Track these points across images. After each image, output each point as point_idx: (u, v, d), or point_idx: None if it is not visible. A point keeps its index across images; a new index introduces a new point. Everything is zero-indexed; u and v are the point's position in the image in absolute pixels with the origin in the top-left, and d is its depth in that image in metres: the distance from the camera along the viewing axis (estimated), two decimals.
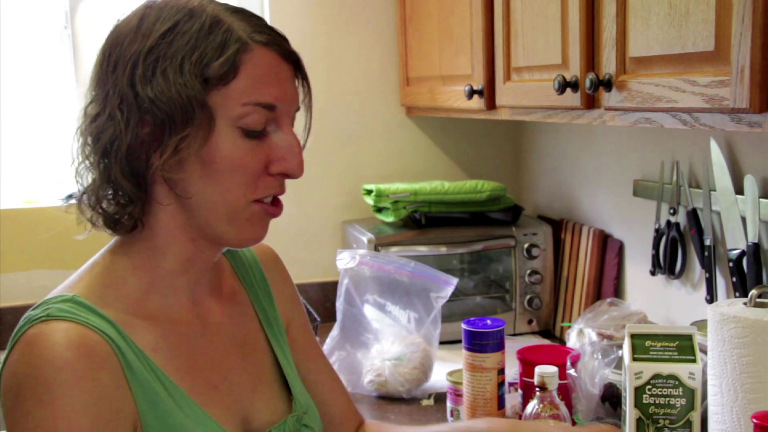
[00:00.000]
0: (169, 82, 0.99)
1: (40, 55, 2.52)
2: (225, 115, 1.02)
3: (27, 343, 0.96)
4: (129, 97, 1.00)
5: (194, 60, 1.00)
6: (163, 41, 1.01)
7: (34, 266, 2.46)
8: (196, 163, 1.02)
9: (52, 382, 0.93)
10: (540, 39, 1.71)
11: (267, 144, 1.06)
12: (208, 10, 1.03)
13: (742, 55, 1.12)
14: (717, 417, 1.33)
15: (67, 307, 0.99)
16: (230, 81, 1.01)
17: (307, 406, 1.23)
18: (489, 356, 1.66)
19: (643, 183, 2.08)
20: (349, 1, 2.61)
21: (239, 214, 1.06)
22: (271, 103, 1.04)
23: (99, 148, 1.03)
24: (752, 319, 1.27)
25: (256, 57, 1.03)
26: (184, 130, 1.00)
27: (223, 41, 1.01)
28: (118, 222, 1.06)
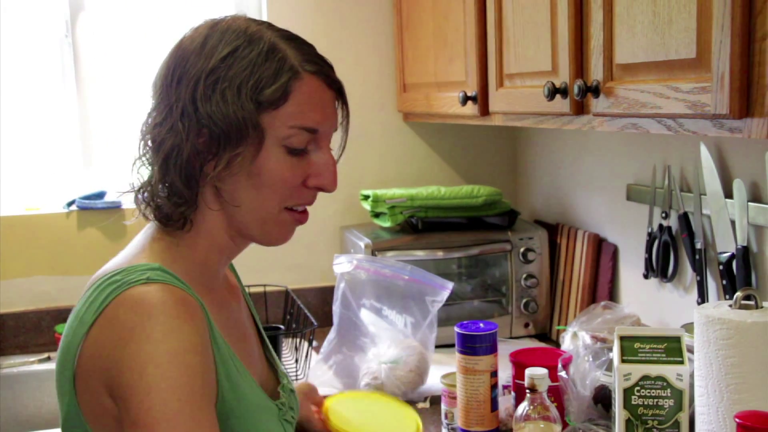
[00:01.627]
0: (227, 102, 1.10)
1: (41, 64, 2.55)
2: (273, 135, 1.14)
3: (135, 300, 1.04)
4: (190, 111, 1.12)
5: (251, 85, 1.11)
6: (223, 64, 1.12)
7: (34, 272, 2.48)
8: (244, 174, 1.14)
9: (165, 326, 1.02)
10: (531, 46, 1.73)
11: (306, 161, 1.18)
12: (266, 37, 1.15)
13: (722, 62, 1.15)
14: (703, 417, 1.35)
15: (160, 274, 1.08)
16: (281, 105, 1.13)
17: (285, 376, 1.37)
18: (482, 359, 1.68)
19: (636, 187, 2.10)
20: (346, 9, 2.64)
21: (270, 220, 1.19)
22: (314, 127, 1.17)
23: (161, 153, 1.13)
24: (737, 320, 1.29)
25: (305, 85, 1.15)
26: (237, 146, 1.12)
27: (278, 69, 1.13)
28: (170, 218, 1.16)
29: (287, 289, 2.52)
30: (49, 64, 2.55)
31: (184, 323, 1.04)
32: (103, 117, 2.58)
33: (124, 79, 2.56)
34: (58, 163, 2.59)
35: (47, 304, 2.48)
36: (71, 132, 2.57)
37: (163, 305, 1.04)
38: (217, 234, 1.19)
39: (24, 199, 2.55)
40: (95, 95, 2.57)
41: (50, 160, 2.59)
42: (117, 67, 2.57)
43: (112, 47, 2.57)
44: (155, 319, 1.02)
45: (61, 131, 2.58)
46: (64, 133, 2.58)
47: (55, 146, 2.59)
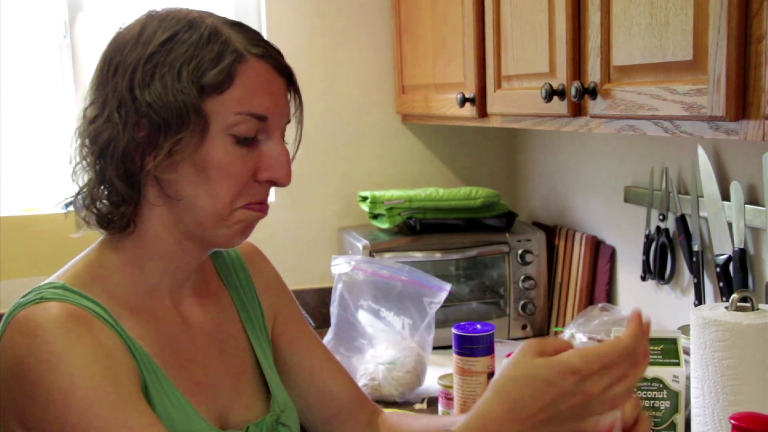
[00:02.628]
0: (166, 87, 1.03)
1: (40, 64, 2.54)
2: (218, 122, 1.06)
3: (22, 322, 0.99)
4: (127, 101, 1.04)
5: (191, 68, 1.04)
6: (162, 49, 1.05)
7: (33, 273, 2.47)
8: (189, 166, 1.06)
9: (56, 345, 0.96)
10: (528, 48, 1.73)
11: (257, 152, 1.10)
12: (207, 22, 1.08)
13: (719, 64, 1.15)
14: (699, 419, 1.35)
15: (59, 292, 1.03)
16: (225, 90, 1.06)
17: (285, 405, 1.25)
18: (479, 360, 1.68)
19: (633, 189, 2.11)
20: (345, 11, 2.64)
21: (225, 218, 1.10)
22: (262, 114, 1.08)
23: (96, 148, 1.07)
24: (732, 322, 1.30)
25: (251, 68, 1.07)
26: (178, 133, 1.04)
27: (220, 51, 1.05)
28: (111, 221, 1.09)
29: None
30: (47, 64, 2.55)
31: (77, 337, 0.97)
32: None
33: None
34: (56, 163, 2.59)
35: None
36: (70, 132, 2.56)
37: (49, 323, 0.97)
38: (161, 238, 1.11)
39: (22, 200, 2.55)
40: None
41: (49, 161, 2.59)
42: None
43: None
44: (41, 340, 0.96)
45: (59, 131, 2.58)
46: (63, 133, 2.58)
47: (54, 146, 2.58)
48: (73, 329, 0.98)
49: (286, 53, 1.16)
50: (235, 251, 1.32)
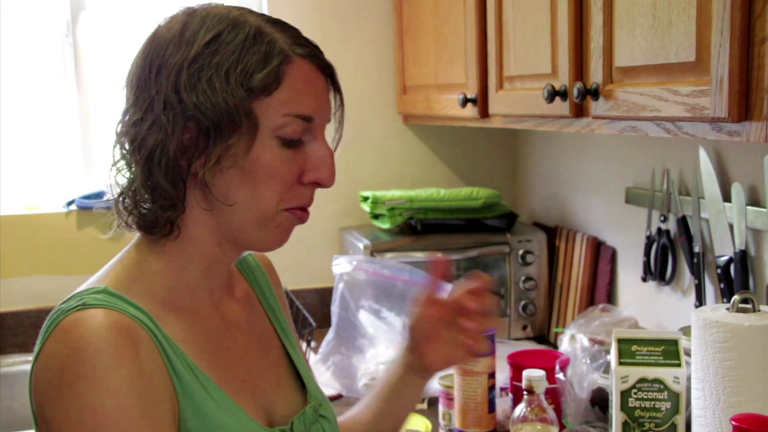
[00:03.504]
0: (215, 89, 1.01)
1: (42, 63, 2.55)
2: (266, 125, 1.04)
3: (65, 330, 0.97)
4: (174, 103, 1.02)
5: (240, 70, 1.01)
6: (207, 50, 1.02)
7: (34, 271, 2.48)
8: (236, 169, 1.04)
9: (96, 363, 0.94)
10: (531, 48, 1.74)
11: (302, 154, 1.08)
12: (251, 21, 1.05)
13: (721, 65, 1.15)
14: (700, 420, 1.36)
15: (102, 297, 1.01)
16: (273, 92, 1.04)
17: (322, 398, 1.26)
18: (479, 360, 1.69)
19: (634, 190, 2.11)
20: (346, 11, 2.64)
21: (269, 221, 1.08)
22: (309, 114, 1.07)
23: (143, 152, 1.03)
24: (734, 324, 1.30)
25: (297, 69, 1.05)
26: (229, 138, 1.02)
27: (267, 52, 1.03)
28: (155, 225, 1.07)
29: (286, 290, 2.52)
30: (49, 63, 2.56)
31: (117, 355, 0.95)
32: (103, 116, 2.58)
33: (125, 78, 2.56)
34: (58, 162, 2.60)
35: (46, 304, 2.48)
36: (71, 131, 2.58)
37: (92, 335, 0.95)
38: (203, 240, 1.09)
39: (24, 199, 2.56)
40: (96, 94, 2.57)
41: (50, 160, 2.59)
42: (117, 66, 2.57)
43: (113, 46, 2.57)
44: (83, 354, 0.94)
45: (61, 130, 2.58)
46: (65, 132, 2.58)
47: (56, 145, 2.59)
48: (116, 344, 0.96)
49: None
50: (253, 259, 1.32)
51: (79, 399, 0.93)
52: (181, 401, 1.02)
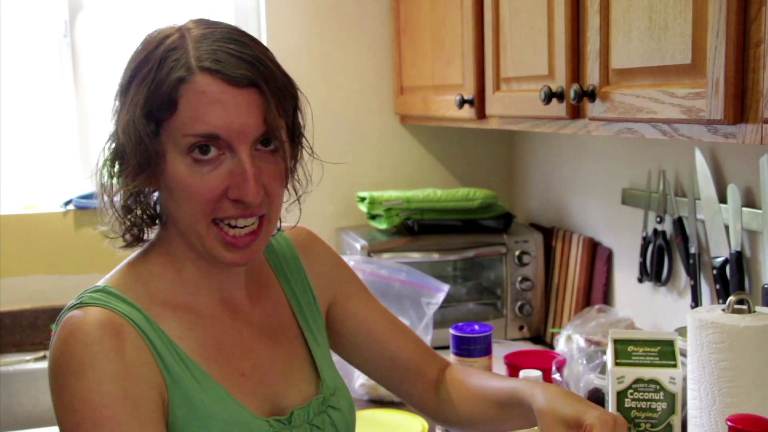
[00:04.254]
0: (128, 119, 1.07)
1: (40, 63, 2.55)
2: (173, 146, 1.06)
3: (62, 328, 1.06)
4: (112, 126, 1.11)
5: (145, 93, 1.05)
6: (136, 73, 1.08)
7: (32, 271, 2.49)
8: (163, 188, 1.11)
9: (82, 356, 1.02)
10: (527, 50, 1.74)
11: (220, 170, 1.07)
12: (175, 36, 1.07)
13: (717, 67, 1.16)
14: (696, 420, 1.36)
15: (98, 296, 1.08)
16: (173, 113, 1.05)
17: (335, 387, 1.27)
18: (476, 361, 1.69)
19: (631, 192, 2.11)
20: (344, 12, 2.65)
21: (204, 236, 1.10)
22: (211, 132, 1.04)
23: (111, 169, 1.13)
24: (729, 324, 1.30)
25: (197, 86, 1.04)
26: (138, 160, 1.07)
27: (170, 70, 1.04)
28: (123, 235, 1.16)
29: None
30: (47, 63, 2.56)
31: (102, 349, 1.02)
32: (101, 117, 2.58)
33: None
34: (55, 162, 2.60)
35: (44, 303, 2.48)
36: (69, 131, 2.58)
37: (80, 331, 1.03)
38: (186, 248, 1.15)
39: (21, 198, 2.56)
40: (93, 94, 2.57)
41: (48, 159, 2.60)
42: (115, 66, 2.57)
43: (111, 47, 2.57)
44: (72, 348, 1.03)
45: (59, 130, 2.59)
46: (62, 132, 2.58)
47: (53, 145, 2.59)
48: (100, 340, 1.03)
49: (285, 54, 1.14)
50: (285, 239, 1.34)
51: (69, 389, 1.02)
52: (170, 391, 1.07)
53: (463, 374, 1.37)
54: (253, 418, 1.12)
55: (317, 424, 1.20)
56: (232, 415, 1.10)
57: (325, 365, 1.28)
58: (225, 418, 1.10)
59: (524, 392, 1.22)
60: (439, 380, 1.37)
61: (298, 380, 1.23)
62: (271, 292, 1.28)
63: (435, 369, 1.38)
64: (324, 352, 1.30)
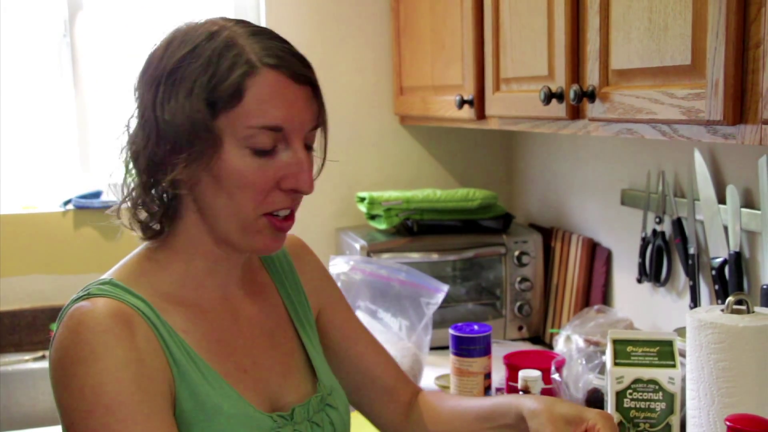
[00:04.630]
0: (180, 105, 1.06)
1: (39, 63, 2.55)
2: (232, 136, 1.08)
3: (70, 318, 1.05)
4: (150, 117, 1.09)
5: (203, 83, 1.06)
6: (182, 64, 1.07)
7: (31, 271, 2.49)
8: (209, 179, 1.10)
9: (94, 344, 1.02)
10: (527, 51, 1.74)
11: (277, 161, 1.11)
12: (225, 33, 1.09)
13: (717, 68, 1.16)
14: (695, 420, 1.36)
15: (106, 288, 1.09)
16: (236, 105, 1.07)
17: (332, 387, 1.29)
18: (475, 361, 1.70)
19: (630, 192, 2.12)
20: (344, 12, 2.65)
21: (250, 227, 1.12)
22: (277, 125, 1.09)
23: (130, 159, 1.13)
24: (728, 325, 1.31)
25: (263, 80, 1.08)
26: (189, 151, 1.07)
27: (232, 64, 1.07)
28: (147, 228, 1.15)
29: None
30: (47, 62, 2.56)
31: (114, 337, 1.03)
32: (100, 116, 2.59)
33: (122, 78, 2.57)
34: (55, 162, 2.60)
35: (43, 303, 2.48)
36: (69, 131, 2.58)
37: (90, 320, 1.03)
38: (201, 241, 1.15)
39: (21, 198, 2.56)
40: (93, 94, 2.58)
41: (47, 159, 2.60)
42: (115, 66, 2.58)
43: (110, 46, 2.58)
44: (82, 337, 1.02)
45: (58, 130, 2.59)
46: (62, 132, 2.59)
47: (53, 145, 2.59)
48: (112, 328, 1.03)
49: None
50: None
51: (80, 378, 1.02)
52: (177, 384, 1.08)
53: (438, 398, 1.39)
54: (257, 413, 1.14)
55: (317, 422, 1.22)
56: (238, 410, 1.12)
57: (321, 365, 1.30)
58: (231, 413, 1.11)
59: (509, 403, 1.25)
60: (412, 403, 1.39)
61: (296, 378, 1.25)
62: (268, 293, 1.30)
63: (408, 392, 1.40)
64: (319, 353, 1.32)
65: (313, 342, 1.31)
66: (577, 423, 1.15)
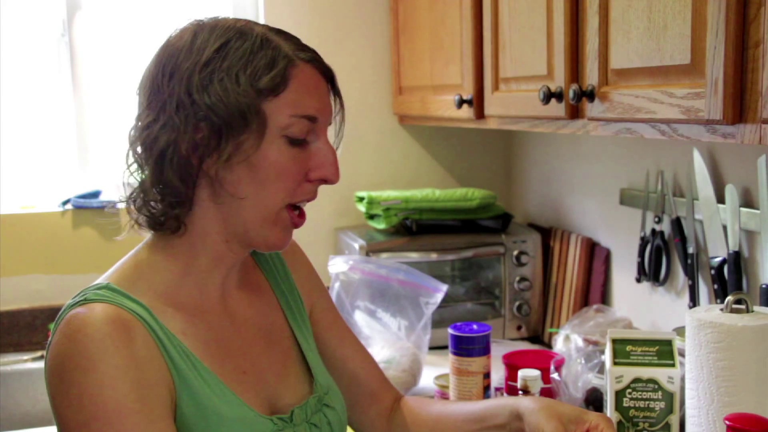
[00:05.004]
0: (226, 90, 1.07)
1: (38, 63, 2.55)
2: (274, 124, 1.10)
3: (67, 324, 1.04)
4: (186, 104, 1.08)
5: (248, 73, 1.08)
6: (217, 55, 1.09)
7: (30, 271, 2.48)
8: (245, 167, 1.10)
9: (92, 352, 1.01)
10: (527, 50, 1.74)
11: (307, 152, 1.15)
12: (257, 30, 1.12)
13: (716, 68, 1.16)
14: (694, 420, 1.36)
15: (103, 293, 1.07)
16: (280, 93, 1.10)
17: (328, 387, 1.29)
18: (475, 360, 1.69)
19: (629, 192, 2.12)
20: (343, 11, 2.65)
21: (272, 218, 1.14)
22: (313, 115, 1.13)
23: (155, 152, 1.10)
24: (727, 324, 1.31)
25: (302, 72, 1.12)
26: (241, 134, 1.08)
27: (274, 57, 1.10)
28: (163, 223, 1.13)
29: None
30: (45, 62, 2.56)
31: (112, 344, 1.02)
32: (99, 116, 2.58)
33: (121, 78, 2.56)
34: (53, 161, 2.60)
35: (42, 303, 2.48)
36: (67, 131, 2.58)
37: (88, 327, 1.02)
38: (210, 237, 1.14)
39: (19, 198, 2.56)
40: (91, 94, 2.57)
41: (46, 159, 2.59)
42: (113, 66, 2.58)
43: (109, 46, 2.57)
44: (80, 344, 1.01)
45: (57, 130, 2.58)
46: (60, 131, 2.58)
47: (51, 145, 2.59)
48: (111, 335, 1.02)
49: None
50: None
51: (78, 386, 1.00)
52: (178, 389, 1.08)
53: (420, 403, 1.40)
54: (257, 416, 1.14)
55: (315, 423, 1.22)
56: (238, 414, 1.11)
57: (317, 365, 1.30)
58: (232, 417, 1.11)
59: (502, 404, 1.26)
60: (393, 409, 1.40)
61: (293, 379, 1.25)
62: (264, 292, 1.30)
63: (390, 397, 1.41)
64: (314, 352, 1.32)
65: (308, 341, 1.32)
66: (578, 423, 1.16)
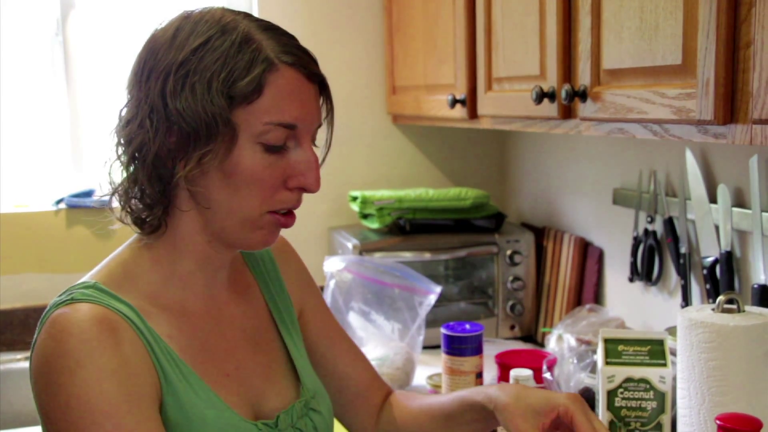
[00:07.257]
0: (196, 97, 1.04)
1: (32, 62, 2.55)
2: (247, 131, 1.06)
3: (52, 324, 1.02)
4: (159, 108, 1.06)
5: (222, 78, 1.04)
6: (194, 56, 1.05)
7: (23, 270, 2.48)
8: (218, 174, 1.07)
9: (78, 353, 0.99)
10: (519, 50, 1.75)
11: (286, 159, 1.10)
12: (241, 27, 1.07)
13: (707, 68, 1.16)
14: (685, 419, 1.37)
15: (89, 292, 1.06)
16: (254, 100, 1.06)
17: (315, 391, 1.27)
18: (467, 360, 1.70)
19: (622, 192, 2.12)
20: (336, 10, 2.65)
21: (253, 223, 1.11)
22: (291, 122, 1.08)
23: (129, 152, 1.09)
24: (719, 324, 1.31)
25: (281, 77, 1.07)
26: (207, 144, 1.05)
27: (251, 60, 1.05)
28: (143, 222, 1.12)
29: None
30: (39, 61, 2.55)
31: (99, 345, 1.00)
32: (93, 115, 2.58)
33: (115, 77, 2.56)
34: (47, 160, 2.59)
35: (36, 302, 2.48)
36: (61, 130, 2.57)
37: (75, 327, 1.01)
38: (192, 239, 1.13)
39: (13, 197, 2.55)
40: (85, 93, 2.57)
41: (40, 158, 2.59)
42: (107, 65, 2.57)
43: (103, 45, 2.57)
44: (66, 345, 1.00)
45: (50, 129, 2.58)
46: (54, 130, 2.58)
47: (45, 144, 2.59)
48: (98, 336, 1.01)
49: None
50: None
51: (65, 387, 0.99)
52: (164, 391, 1.06)
53: (406, 398, 1.39)
54: (242, 421, 1.12)
55: (301, 428, 1.21)
56: (223, 419, 1.10)
57: (304, 368, 1.28)
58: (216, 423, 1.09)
59: (476, 395, 1.25)
60: (383, 405, 1.39)
61: (279, 383, 1.24)
62: (252, 293, 1.28)
63: (380, 395, 1.40)
64: (302, 355, 1.30)
65: (296, 344, 1.30)
66: (547, 412, 1.14)
